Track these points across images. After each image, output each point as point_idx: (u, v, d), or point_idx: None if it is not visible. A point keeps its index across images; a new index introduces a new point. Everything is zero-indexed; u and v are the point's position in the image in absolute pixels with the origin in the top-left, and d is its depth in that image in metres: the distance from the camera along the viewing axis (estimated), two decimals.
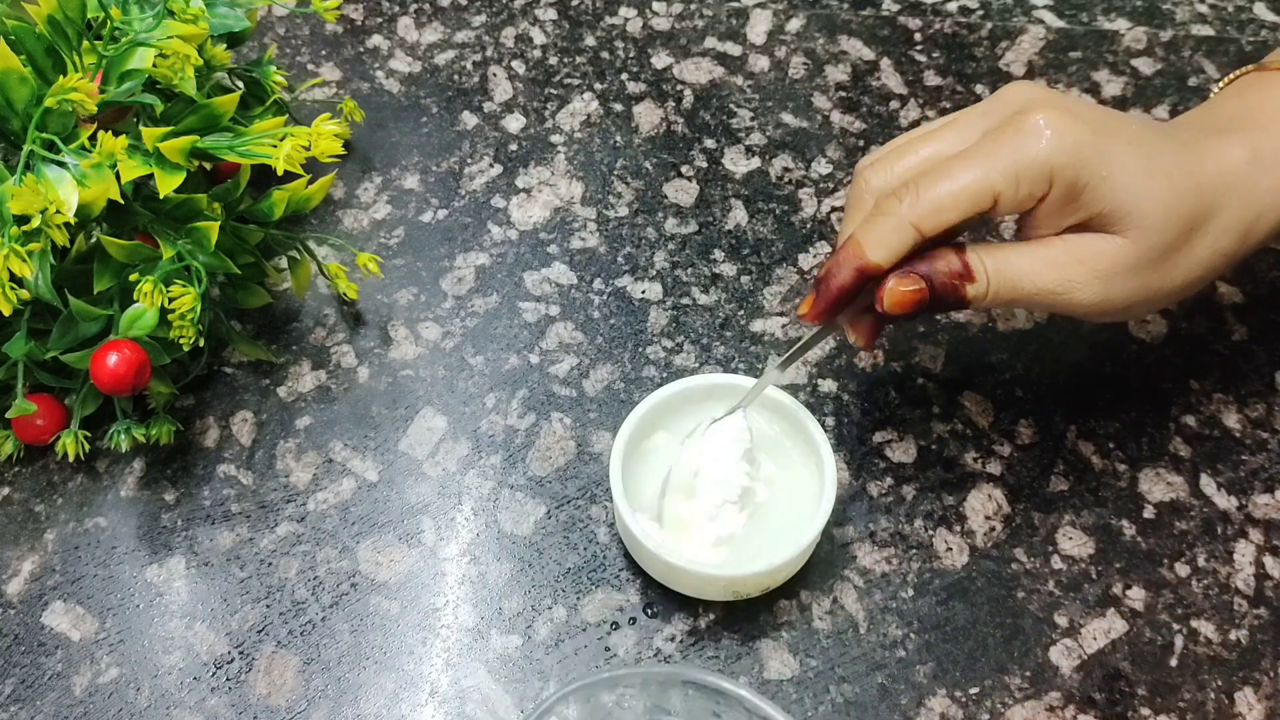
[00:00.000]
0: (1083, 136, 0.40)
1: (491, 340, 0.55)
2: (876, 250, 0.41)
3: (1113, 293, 0.41)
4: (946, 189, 0.40)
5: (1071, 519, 0.49)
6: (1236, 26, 0.67)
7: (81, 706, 0.45)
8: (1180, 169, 0.41)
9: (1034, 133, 0.40)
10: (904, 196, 0.41)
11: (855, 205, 0.44)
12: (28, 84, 0.44)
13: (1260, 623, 0.47)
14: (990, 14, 0.68)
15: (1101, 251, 0.41)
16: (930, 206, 0.40)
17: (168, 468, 0.51)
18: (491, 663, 0.46)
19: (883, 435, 0.52)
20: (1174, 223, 0.41)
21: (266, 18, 0.68)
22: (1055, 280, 0.41)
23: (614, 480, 0.45)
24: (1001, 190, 0.40)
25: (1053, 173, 0.40)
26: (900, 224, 0.41)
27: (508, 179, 0.61)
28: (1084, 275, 0.41)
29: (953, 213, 0.40)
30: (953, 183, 0.40)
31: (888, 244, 0.41)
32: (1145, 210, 0.40)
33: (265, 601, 0.48)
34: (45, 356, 0.48)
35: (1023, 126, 0.40)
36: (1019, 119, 0.40)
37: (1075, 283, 0.41)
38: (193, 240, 0.47)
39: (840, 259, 0.42)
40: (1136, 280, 0.41)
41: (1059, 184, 0.40)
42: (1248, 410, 0.52)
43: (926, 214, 0.40)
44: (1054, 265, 0.41)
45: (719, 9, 0.69)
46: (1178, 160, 0.41)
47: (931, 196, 0.40)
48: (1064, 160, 0.39)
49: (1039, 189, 0.40)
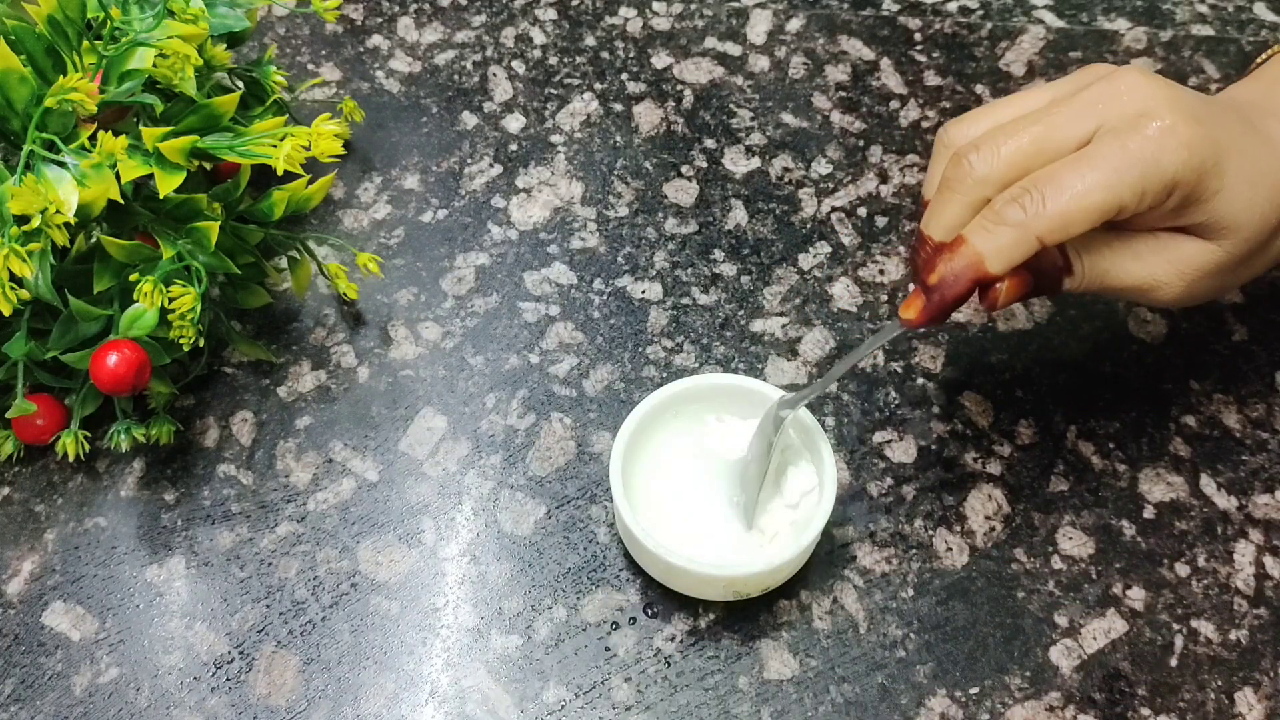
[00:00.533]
0: (1207, 151, 0.39)
1: (491, 340, 0.55)
2: (997, 263, 0.39)
3: (1194, 291, 0.42)
4: (1075, 204, 0.38)
5: (1071, 519, 0.49)
6: (1236, 26, 0.67)
7: (81, 706, 0.45)
8: (1270, 175, 0.41)
9: (1162, 144, 0.38)
10: (1027, 205, 0.39)
11: (955, 189, 0.41)
12: (28, 84, 0.44)
13: (1260, 623, 0.47)
14: (990, 14, 0.68)
15: (1192, 257, 0.41)
16: (1059, 221, 0.39)
17: (168, 468, 0.51)
18: (491, 663, 0.46)
19: (883, 435, 0.52)
20: (1265, 230, 0.41)
21: (266, 18, 0.68)
22: (1143, 279, 0.42)
23: (614, 480, 0.45)
24: (1127, 204, 0.39)
25: (1176, 185, 0.39)
26: (1025, 237, 0.39)
27: (508, 179, 0.61)
28: (1172, 277, 0.41)
29: (1080, 227, 0.39)
30: (1081, 197, 0.38)
31: (1009, 257, 0.39)
32: (1243, 222, 0.40)
33: (265, 601, 0.48)
34: (45, 356, 0.48)
35: (1152, 136, 0.39)
36: (1145, 124, 0.39)
37: (1162, 283, 0.42)
38: (193, 240, 0.47)
39: (957, 267, 0.40)
40: (1219, 281, 0.42)
41: (1177, 195, 0.39)
42: (1248, 410, 0.52)
43: (1054, 228, 0.39)
44: (1145, 265, 0.42)
45: (719, 9, 0.69)
46: (1269, 165, 0.41)
47: (1058, 209, 0.38)
48: (1188, 175, 0.39)
49: (1160, 201, 0.39)
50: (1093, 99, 0.40)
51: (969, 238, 0.40)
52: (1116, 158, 0.39)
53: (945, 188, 0.41)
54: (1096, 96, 0.40)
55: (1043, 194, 0.39)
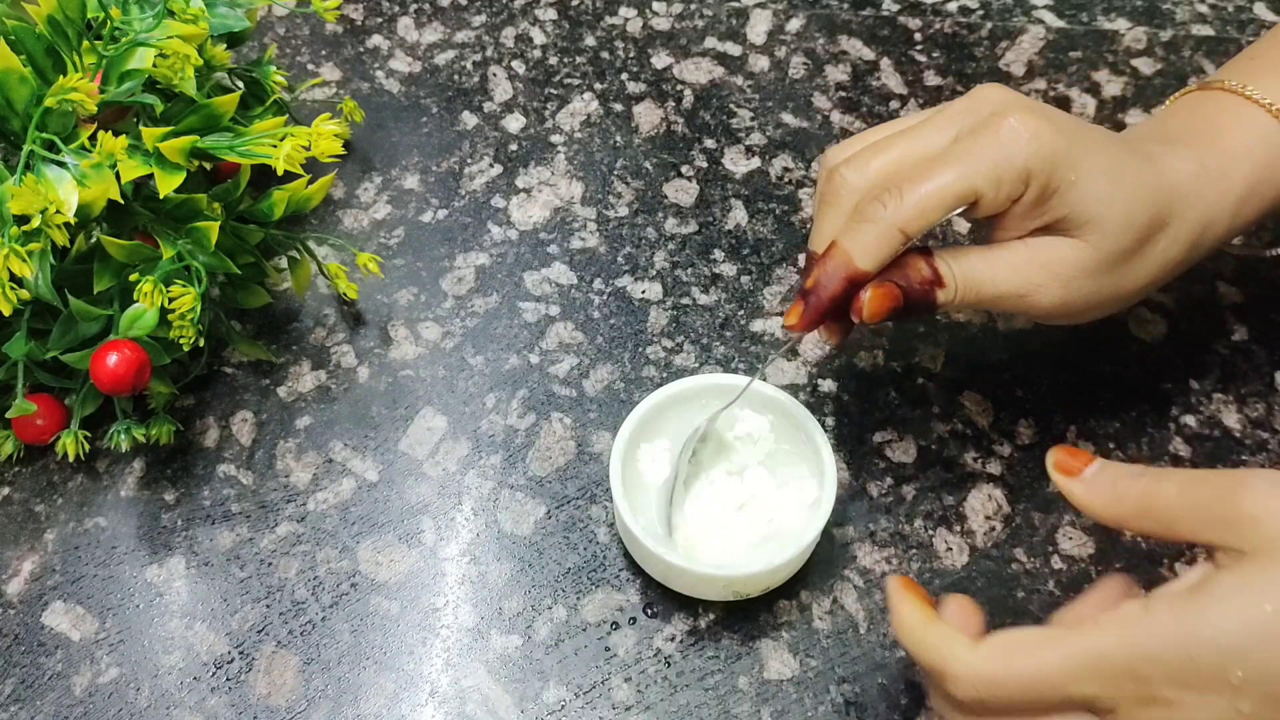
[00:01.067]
0: (1057, 140, 0.40)
1: (491, 340, 0.55)
2: (864, 258, 0.41)
3: (1072, 295, 0.43)
4: (931, 190, 0.40)
5: (1071, 519, 0.49)
6: (1236, 26, 0.67)
7: (81, 706, 0.45)
8: (1139, 178, 0.42)
9: (1012, 135, 0.40)
10: (887, 201, 0.41)
11: (830, 202, 0.43)
12: (28, 84, 0.44)
13: None
14: (990, 14, 0.68)
15: (1063, 256, 0.42)
16: (915, 210, 0.40)
17: (168, 468, 0.51)
18: (491, 663, 0.46)
19: (883, 435, 0.52)
20: (1132, 229, 0.42)
21: (266, 18, 0.68)
22: (1019, 284, 0.42)
23: (614, 480, 0.45)
24: (983, 191, 0.40)
25: (1030, 175, 0.40)
26: (887, 229, 0.41)
27: (508, 179, 0.61)
28: (1045, 278, 0.42)
29: (937, 213, 0.41)
30: (936, 184, 0.40)
31: (874, 251, 0.41)
32: (1107, 215, 0.41)
33: (265, 601, 0.48)
34: (45, 356, 0.48)
35: (1001, 128, 0.41)
36: (996, 120, 0.41)
37: (1037, 286, 0.42)
38: (193, 240, 0.47)
39: (828, 269, 0.42)
40: (1094, 284, 0.43)
41: (1033, 186, 0.41)
42: (1248, 410, 0.52)
43: (912, 217, 0.40)
44: (1017, 269, 0.42)
45: (719, 9, 0.69)
46: (1138, 170, 0.42)
47: (915, 199, 0.40)
48: (1039, 164, 0.40)
49: (1017, 190, 0.41)
50: (954, 111, 0.43)
51: (839, 239, 0.42)
52: (969, 147, 0.41)
53: (822, 202, 0.43)
54: (957, 109, 0.43)
55: (900, 190, 0.41)
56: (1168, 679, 0.32)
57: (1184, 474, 0.36)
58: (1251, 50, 0.49)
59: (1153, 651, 0.33)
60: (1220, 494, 0.34)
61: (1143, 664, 0.32)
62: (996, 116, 0.41)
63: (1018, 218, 0.42)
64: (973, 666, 0.35)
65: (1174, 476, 0.36)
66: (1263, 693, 0.31)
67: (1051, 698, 0.34)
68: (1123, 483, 0.37)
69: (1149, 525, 0.36)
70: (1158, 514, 0.36)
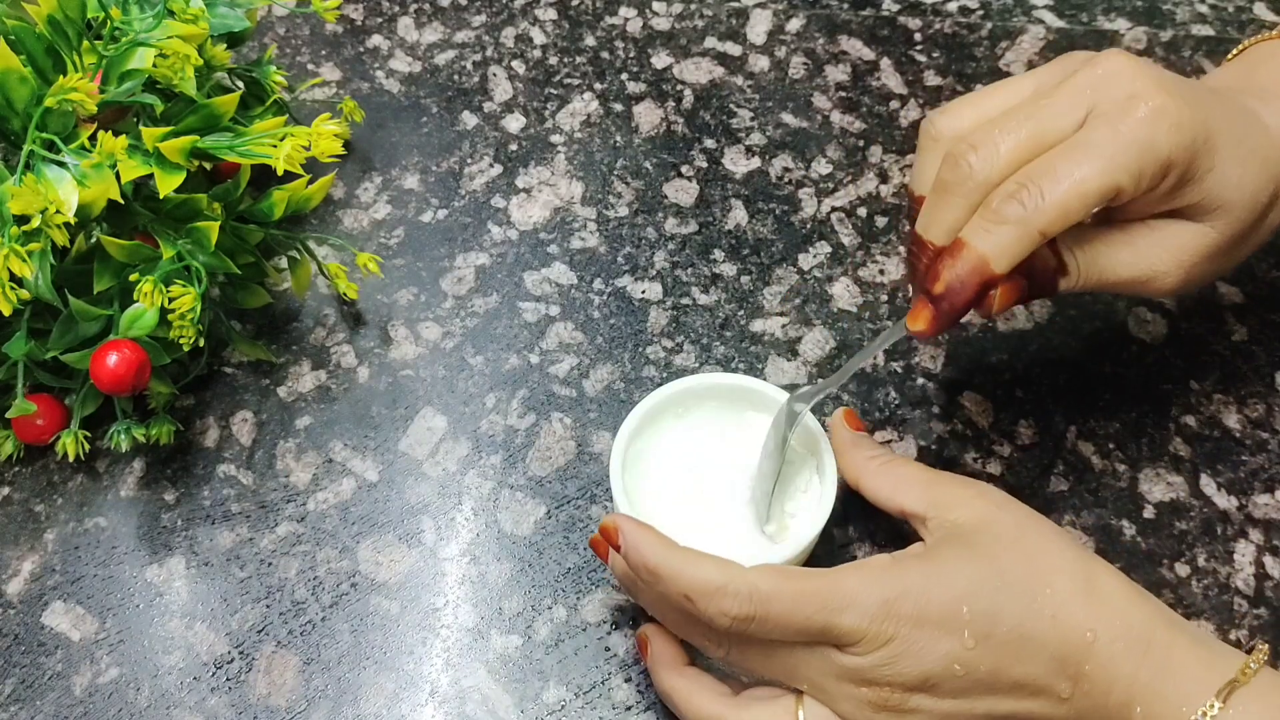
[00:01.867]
0: (1199, 129, 0.39)
1: (491, 340, 0.55)
2: (1002, 262, 0.39)
3: (1192, 278, 0.42)
4: (1073, 191, 0.38)
5: (1071, 519, 0.49)
6: (1236, 26, 0.67)
7: (81, 706, 0.45)
8: (1264, 154, 0.41)
9: (1155, 125, 0.38)
10: (1025, 200, 0.38)
11: (955, 191, 0.40)
12: (28, 84, 0.44)
13: (1260, 623, 0.47)
14: (990, 14, 0.68)
15: (1188, 242, 0.41)
16: (1059, 210, 0.38)
17: (168, 468, 0.52)
18: (491, 663, 0.46)
19: (883, 435, 0.52)
20: (1256, 209, 0.41)
21: (266, 18, 0.68)
22: (1142, 270, 0.42)
23: (614, 480, 0.45)
24: (1125, 186, 0.38)
25: (1171, 166, 0.39)
26: (1027, 233, 0.38)
27: (508, 179, 0.61)
28: (1170, 265, 0.41)
29: (1080, 213, 0.39)
30: (1078, 180, 0.38)
31: (1014, 255, 0.39)
32: (1235, 200, 0.40)
33: (265, 601, 0.48)
34: (45, 356, 0.48)
35: (1143, 118, 0.38)
36: (1135, 106, 0.39)
37: (1161, 272, 0.42)
38: (193, 240, 0.47)
39: (962, 274, 0.39)
40: (1216, 264, 0.42)
41: (1172, 176, 0.39)
42: (1248, 410, 0.52)
43: (1055, 218, 0.38)
44: (1142, 255, 0.41)
45: (719, 9, 0.69)
46: (1260, 144, 0.41)
47: (1057, 198, 0.38)
48: (1182, 154, 0.39)
49: (1156, 181, 0.39)
50: (1080, 86, 0.40)
51: (970, 240, 0.39)
52: (1110, 142, 0.38)
53: (944, 190, 0.40)
54: (1084, 83, 0.40)
55: (1040, 187, 0.38)
56: (907, 618, 0.37)
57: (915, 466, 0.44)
58: None
59: (902, 589, 0.38)
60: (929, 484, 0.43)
61: (893, 600, 0.37)
62: (1134, 100, 0.39)
63: (1148, 204, 0.41)
64: (749, 580, 0.38)
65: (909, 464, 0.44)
66: (982, 628, 0.37)
67: (811, 624, 0.37)
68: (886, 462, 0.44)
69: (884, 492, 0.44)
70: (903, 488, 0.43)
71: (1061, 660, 0.37)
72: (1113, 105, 0.39)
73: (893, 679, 0.38)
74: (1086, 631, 0.38)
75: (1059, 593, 0.38)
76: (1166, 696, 0.37)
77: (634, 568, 0.40)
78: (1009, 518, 0.40)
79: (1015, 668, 0.37)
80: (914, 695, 0.38)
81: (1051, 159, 0.39)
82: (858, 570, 0.39)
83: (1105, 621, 0.38)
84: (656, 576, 0.39)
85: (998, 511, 0.41)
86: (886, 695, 0.38)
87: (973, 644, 0.37)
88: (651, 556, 0.39)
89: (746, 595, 0.37)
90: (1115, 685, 0.37)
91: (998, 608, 0.38)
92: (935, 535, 0.41)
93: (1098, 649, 0.37)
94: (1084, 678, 0.38)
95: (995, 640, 0.37)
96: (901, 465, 0.44)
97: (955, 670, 0.37)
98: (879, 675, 0.38)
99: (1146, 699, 0.37)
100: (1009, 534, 0.40)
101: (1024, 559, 0.39)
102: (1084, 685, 0.38)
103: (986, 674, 0.38)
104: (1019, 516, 0.41)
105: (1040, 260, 0.41)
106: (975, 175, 0.39)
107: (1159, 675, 0.37)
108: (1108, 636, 0.38)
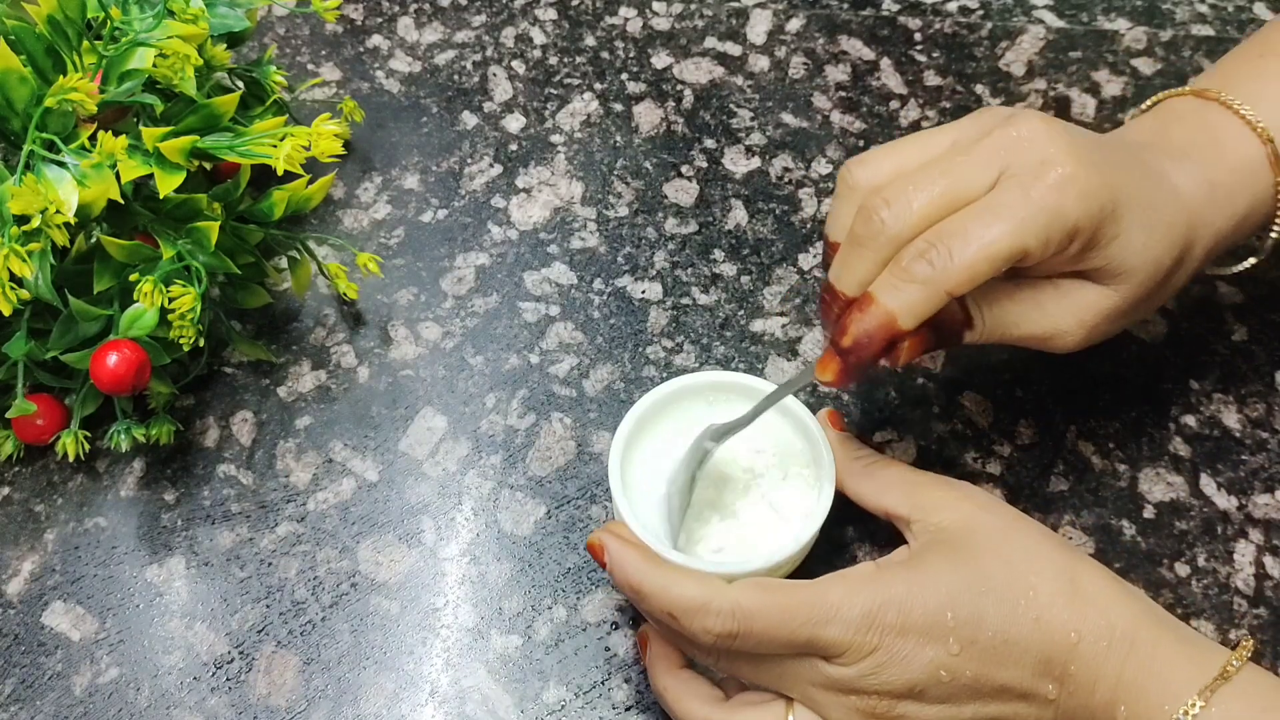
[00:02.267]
0: (1103, 196, 0.40)
1: (491, 340, 0.55)
2: (909, 320, 0.40)
3: (1094, 336, 0.43)
4: (981, 253, 0.38)
5: (1071, 519, 0.49)
6: (1236, 26, 0.67)
7: (81, 706, 0.45)
8: (1169, 220, 0.42)
9: (1064, 192, 0.39)
10: (934, 259, 0.39)
11: (867, 245, 0.41)
12: (28, 84, 0.44)
13: (1260, 623, 0.47)
14: (990, 14, 0.68)
15: (1091, 303, 0.42)
16: (966, 272, 0.39)
17: (168, 468, 0.52)
18: (491, 663, 0.46)
19: (883, 435, 0.52)
20: (1160, 273, 0.42)
21: (266, 18, 0.68)
22: (1045, 328, 0.43)
23: (613, 480, 0.45)
24: (1032, 250, 0.39)
25: (1077, 233, 0.40)
26: (935, 292, 0.39)
27: (508, 179, 0.61)
28: (1072, 325, 0.42)
29: (987, 275, 0.39)
30: (987, 246, 0.39)
31: (921, 313, 0.39)
32: (1138, 265, 0.41)
33: (265, 601, 0.48)
34: (45, 356, 0.48)
35: (1053, 184, 0.39)
36: (1046, 171, 0.39)
37: (1062, 330, 0.43)
38: (193, 240, 0.47)
39: (869, 329, 0.40)
40: (1118, 324, 0.43)
41: (1078, 241, 0.40)
42: (1248, 410, 0.52)
43: (962, 280, 0.39)
44: (1046, 315, 0.43)
45: (719, 9, 0.69)
46: (1164, 209, 0.42)
47: (966, 259, 0.39)
48: (1088, 222, 0.39)
49: (1063, 246, 0.40)
50: (995, 146, 0.40)
51: (879, 297, 0.40)
52: (1021, 206, 0.39)
53: (857, 243, 0.41)
54: (999, 144, 0.40)
55: (949, 247, 0.39)
56: (891, 627, 0.38)
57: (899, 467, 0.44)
58: (1242, 50, 0.49)
59: (886, 598, 0.38)
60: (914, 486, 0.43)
61: (876, 611, 0.38)
62: (1045, 166, 0.39)
63: (1054, 266, 0.41)
64: (731, 598, 0.38)
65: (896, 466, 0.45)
66: (966, 634, 0.38)
67: (795, 637, 0.38)
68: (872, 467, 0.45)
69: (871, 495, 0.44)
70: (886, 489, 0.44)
71: (1046, 662, 0.38)
72: (1025, 169, 0.40)
73: (879, 688, 0.38)
74: (1070, 632, 0.38)
75: (1042, 595, 0.38)
76: (1150, 695, 0.37)
77: (619, 586, 0.40)
78: (993, 521, 0.41)
79: (1000, 672, 0.38)
80: (901, 702, 0.38)
81: (963, 219, 0.39)
82: (841, 580, 0.39)
83: (1090, 622, 0.38)
84: (640, 595, 0.39)
85: (982, 514, 0.41)
86: (874, 703, 0.38)
87: (957, 650, 0.38)
88: (635, 575, 0.39)
89: (729, 613, 0.38)
90: (1100, 685, 0.38)
91: (981, 613, 0.38)
92: (920, 539, 0.41)
93: (1082, 649, 0.38)
94: (1069, 678, 0.38)
95: (980, 646, 0.38)
96: (886, 467, 0.44)
97: (941, 677, 0.38)
98: (866, 684, 0.38)
99: (1130, 698, 0.37)
100: (993, 538, 0.40)
101: (1007, 563, 0.39)
102: (1069, 686, 0.38)
103: (972, 679, 0.38)
104: (1003, 519, 0.41)
105: (948, 314, 0.41)
106: (887, 230, 0.40)
107: (1143, 674, 0.37)
108: (1092, 636, 0.38)
